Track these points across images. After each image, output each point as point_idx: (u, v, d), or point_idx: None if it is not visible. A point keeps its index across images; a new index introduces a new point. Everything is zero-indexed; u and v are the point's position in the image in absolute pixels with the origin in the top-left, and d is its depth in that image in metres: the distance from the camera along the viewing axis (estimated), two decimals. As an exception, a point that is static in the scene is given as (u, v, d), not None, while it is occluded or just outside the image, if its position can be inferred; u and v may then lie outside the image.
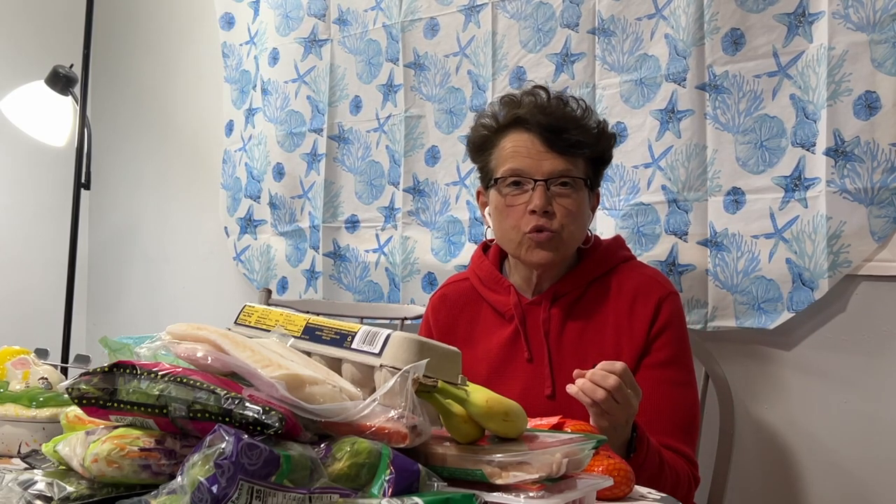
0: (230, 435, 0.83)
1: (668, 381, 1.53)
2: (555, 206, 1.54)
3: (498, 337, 1.63)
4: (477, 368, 1.60)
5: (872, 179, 1.70)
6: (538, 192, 1.54)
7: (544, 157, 1.55)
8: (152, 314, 3.07)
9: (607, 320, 1.58)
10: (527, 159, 1.55)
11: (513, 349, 1.61)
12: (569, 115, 1.58)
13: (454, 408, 1.05)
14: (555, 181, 1.54)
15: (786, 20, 1.81)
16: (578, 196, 1.57)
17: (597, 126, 1.61)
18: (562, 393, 1.53)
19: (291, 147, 2.60)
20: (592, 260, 1.62)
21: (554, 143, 1.55)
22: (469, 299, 1.70)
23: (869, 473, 1.77)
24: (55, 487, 0.94)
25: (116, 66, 3.21)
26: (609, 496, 1.13)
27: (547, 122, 1.55)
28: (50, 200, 3.11)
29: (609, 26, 2.03)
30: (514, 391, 1.54)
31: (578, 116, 1.59)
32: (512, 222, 1.57)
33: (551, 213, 1.54)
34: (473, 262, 1.75)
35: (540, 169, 1.54)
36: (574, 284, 1.60)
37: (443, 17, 2.30)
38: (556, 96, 1.62)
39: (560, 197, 1.55)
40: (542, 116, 1.56)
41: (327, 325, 1.15)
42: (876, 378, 1.75)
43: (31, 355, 1.44)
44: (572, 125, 1.57)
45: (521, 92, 1.64)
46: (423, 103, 2.35)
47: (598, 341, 1.56)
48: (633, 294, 1.58)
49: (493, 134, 1.62)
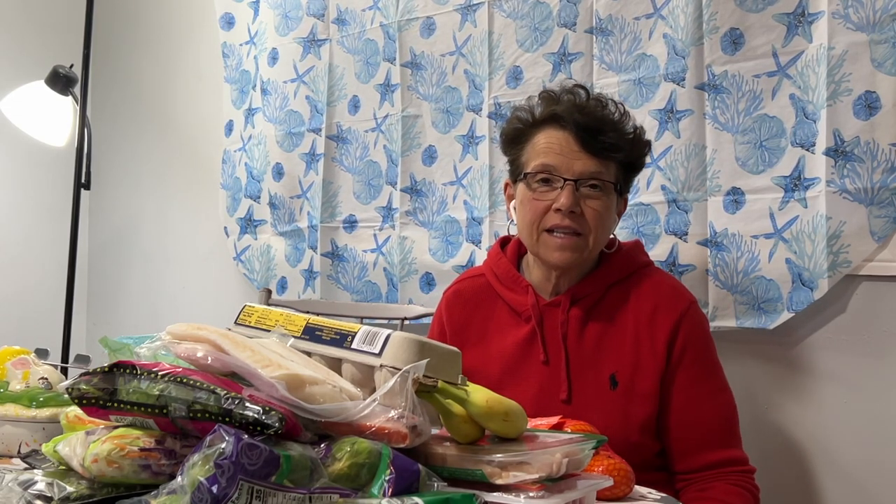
0: (230, 435, 0.83)
1: (709, 393, 1.55)
2: (583, 207, 1.53)
3: (513, 336, 1.61)
4: (490, 367, 1.59)
5: (872, 179, 1.70)
6: (567, 191, 1.52)
7: (577, 156, 1.53)
8: (152, 314, 3.07)
9: (626, 327, 1.56)
10: (559, 156, 1.54)
11: (528, 350, 1.59)
12: (606, 118, 1.57)
13: (454, 408, 1.05)
14: (585, 182, 1.53)
15: (785, 20, 1.81)
16: (607, 199, 1.55)
17: (633, 131, 1.60)
18: (577, 397, 1.53)
19: (291, 147, 2.60)
20: (613, 264, 1.61)
21: (588, 144, 1.53)
22: (485, 296, 1.68)
23: (869, 473, 1.77)
24: (55, 487, 0.94)
25: (116, 66, 3.21)
26: (609, 496, 1.13)
27: (584, 122, 1.54)
28: (50, 200, 3.11)
29: (607, 26, 2.02)
30: (529, 393, 1.52)
31: (616, 120, 1.58)
32: (533, 217, 1.55)
33: (579, 214, 1.53)
34: (490, 258, 1.72)
35: (571, 168, 1.53)
36: (594, 287, 1.58)
37: (439, 17, 2.30)
38: (596, 98, 1.61)
39: (588, 199, 1.53)
40: (579, 115, 1.54)
41: (327, 325, 1.15)
42: (876, 378, 1.75)
43: (31, 355, 1.44)
44: (609, 127, 1.56)
45: (561, 89, 1.62)
46: (419, 103, 2.34)
47: (616, 347, 1.55)
48: (654, 303, 1.56)
49: (528, 128, 1.60)
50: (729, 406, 1.57)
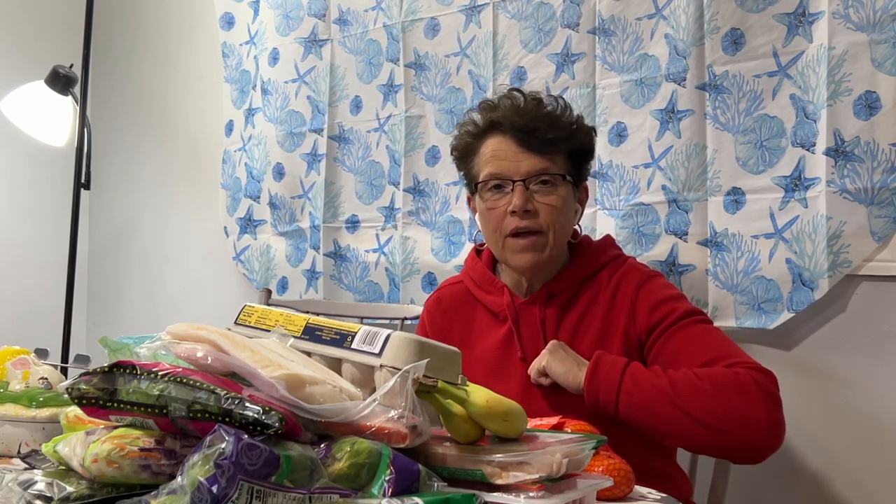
0: (230, 435, 0.83)
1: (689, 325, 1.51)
2: (537, 204, 1.55)
3: (493, 338, 1.64)
4: (475, 370, 1.60)
5: (872, 179, 1.70)
6: (517, 191, 1.55)
7: (521, 157, 1.56)
8: (152, 314, 3.07)
9: (597, 315, 1.59)
10: (505, 161, 1.57)
11: (507, 349, 1.62)
12: (542, 115, 1.59)
13: (454, 408, 1.05)
14: (533, 180, 1.56)
15: (786, 20, 1.81)
16: (561, 192, 1.57)
17: (574, 121, 1.62)
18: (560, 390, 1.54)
19: (291, 147, 2.60)
20: (583, 259, 1.64)
21: (529, 143, 1.56)
22: (464, 302, 1.71)
23: (869, 473, 1.77)
24: (55, 487, 0.94)
25: (116, 66, 3.21)
26: (609, 496, 1.13)
27: (521, 124, 1.56)
28: (50, 200, 3.11)
29: (609, 26, 2.03)
30: (513, 391, 1.54)
31: (553, 114, 1.60)
32: (494, 225, 1.59)
33: (533, 212, 1.55)
34: (467, 265, 1.76)
35: (518, 170, 1.56)
36: (566, 283, 1.61)
37: (443, 17, 2.30)
38: (533, 97, 1.63)
39: (541, 195, 1.56)
40: (516, 118, 1.57)
41: (327, 325, 1.15)
42: (876, 378, 1.75)
43: (31, 355, 1.44)
44: (546, 123, 1.58)
45: (499, 96, 1.65)
46: (423, 103, 2.34)
47: (588, 336, 1.57)
48: (616, 284, 1.60)
49: (474, 140, 1.64)
50: (716, 331, 1.53)
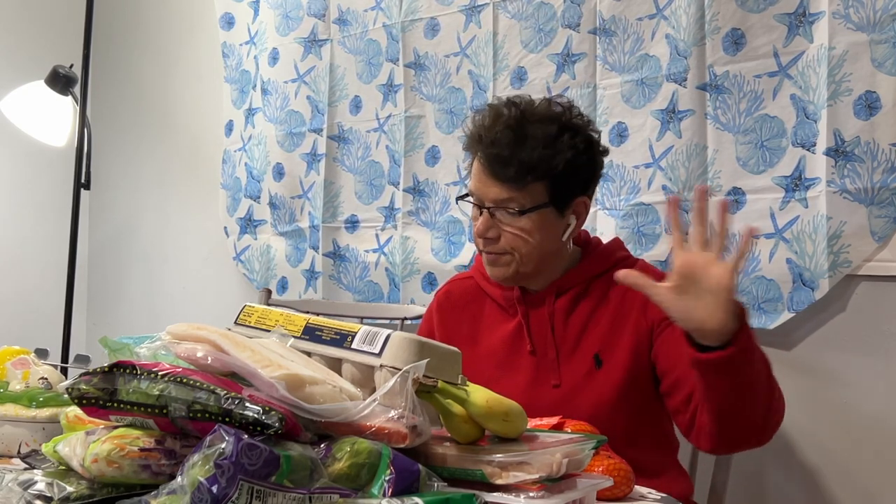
0: (230, 435, 0.83)
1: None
2: (501, 229, 1.54)
3: (501, 331, 1.64)
4: (483, 365, 1.61)
5: (872, 179, 1.70)
6: (483, 217, 1.56)
7: (489, 184, 1.54)
8: (152, 314, 3.07)
9: (607, 310, 1.59)
10: (478, 184, 1.56)
11: (516, 342, 1.62)
12: (507, 143, 1.52)
13: (454, 408, 1.05)
14: (498, 208, 1.54)
15: (786, 20, 1.81)
16: (526, 222, 1.53)
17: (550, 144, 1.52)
18: (567, 381, 1.56)
19: (291, 147, 2.60)
20: (592, 259, 1.63)
21: (497, 174, 1.53)
22: (473, 296, 1.71)
23: (869, 473, 1.77)
24: (55, 487, 0.94)
25: (116, 66, 3.21)
26: (609, 496, 1.13)
27: (489, 154, 1.53)
28: (50, 200, 3.11)
29: (610, 26, 2.03)
30: (522, 383, 1.56)
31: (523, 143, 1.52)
32: (474, 234, 1.60)
33: (495, 239, 1.55)
34: (477, 261, 1.75)
35: (486, 196, 1.55)
36: (575, 280, 1.61)
37: (443, 17, 2.30)
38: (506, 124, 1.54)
39: (505, 223, 1.54)
40: (487, 146, 1.54)
41: (327, 325, 1.15)
42: (876, 378, 1.75)
43: (31, 355, 1.44)
44: (514, 155, 1.51)
45: (482, 115, 1.59)
46: (423, 103, 2.34)
47: (598, 329, 1.57)
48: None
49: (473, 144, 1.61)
50: None
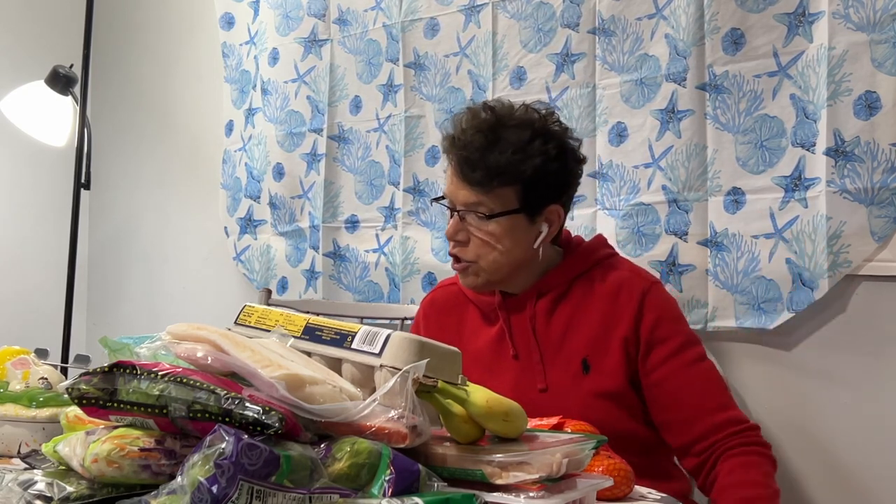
0: (230, 435, 0.83)
1: (691, 362, 1.54)
2: (470, 232, 1.55)
3: (485, 337, 1.65)
4: (469, 371, 1.59)
5: (872, 179, 1.70)
6: (453, 220, 1.57)
7: (459, 186, 1.55)
8: (152, 314, 3.07)
9: (593, 313, 1.58)
10: (451, 186, 1.57)
11: (499, 347, 1.62)
12: (477, 147, 1.52)
13: (454, 408, 1.05)
14: (467, 212, 1.55)
15: (786, 20, 1.81)
16: (494, 226, 1.53)
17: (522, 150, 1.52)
18: (553, 385, 1.56)
19: (291, 147, 2.60)
20: (574, 258, 1.63)
21: (466, 176, 1.54)
22: (456, 303, 1.71)
23: (869, 474, 1.77)
24: (55, 487, 0.94)
25: (116, 66, 3.21)
26: (609, 496, 1.13)
27: (459, 157, 1.54)
28: (50, 200, 3.11)
29: (609, 26, 2.03)
30: (506, 389, 1.53)
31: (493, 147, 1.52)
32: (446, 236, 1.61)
33: (464, 242, 1.56)
34: None
35: (457, 199, 1.56)
36: (557, 281, 1.61)
37: (443, 17, 2.30)
38: (475, 126, 1.55)
39: (474, 227, 1.55)
40: (458, 149, 1.55)
41: (327, 325, 1.15)
42: (876, 378, 1.75)
43: (31, 355, 1.44)
44: (477, 156, 1.52)
45: (457, 117, 1.60)
46: (423, 103, 2.34)
47: (584, 333, 1.57)
48: (616, 285, 1.58)
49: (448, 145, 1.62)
50: (714, 371, 1.57)
